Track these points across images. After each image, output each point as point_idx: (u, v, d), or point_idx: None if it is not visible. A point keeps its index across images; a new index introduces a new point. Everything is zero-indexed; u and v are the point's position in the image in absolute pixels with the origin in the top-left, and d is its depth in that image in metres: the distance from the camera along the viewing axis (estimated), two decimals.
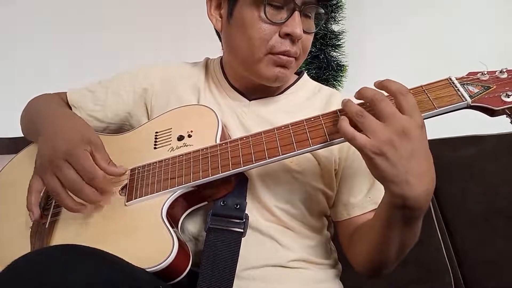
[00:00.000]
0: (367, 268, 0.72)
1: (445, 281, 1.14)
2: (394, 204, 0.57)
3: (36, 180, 0.67)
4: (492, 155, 1.26)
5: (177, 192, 0.66)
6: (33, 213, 0.67)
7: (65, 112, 0.80)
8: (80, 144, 0.66)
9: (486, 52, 1.77)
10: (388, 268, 0.70)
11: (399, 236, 0.62)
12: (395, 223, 0.60)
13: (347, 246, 0.77)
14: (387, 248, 0.65)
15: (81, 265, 0.48)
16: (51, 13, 1.97)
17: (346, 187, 0.77)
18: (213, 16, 0.80)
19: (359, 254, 0.73)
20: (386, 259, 0.67)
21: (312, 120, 0.65)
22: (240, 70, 0.79)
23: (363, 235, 0.72)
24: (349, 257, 0.77)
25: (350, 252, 0.76)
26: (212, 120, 0.73)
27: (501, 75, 0.60)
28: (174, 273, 0.60)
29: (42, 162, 0.67)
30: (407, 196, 0.54)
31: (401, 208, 0.57)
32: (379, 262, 0.69)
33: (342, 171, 0.78)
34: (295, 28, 0.71)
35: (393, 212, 0.59)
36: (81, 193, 0.64)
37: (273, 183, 0.73)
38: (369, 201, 0.75)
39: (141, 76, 0.87)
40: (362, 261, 0.72)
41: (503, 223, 1.17)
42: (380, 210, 0.64)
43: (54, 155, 0.65)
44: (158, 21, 2.01)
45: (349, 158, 0.77)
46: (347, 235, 0.77)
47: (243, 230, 0.67)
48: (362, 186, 0.76)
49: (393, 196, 0.56)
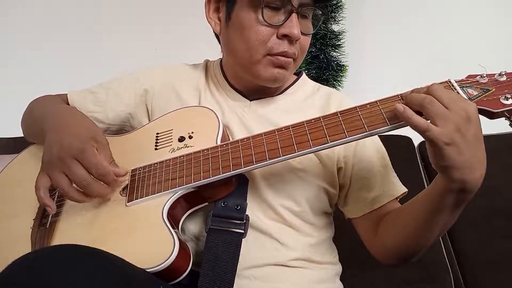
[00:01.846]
0: (399, 256, 0.73)
1: (445, 281, 1.14)
2: (451, 188, 0.58)
3: (42, 177, 0.67)
4: (492, 155, 1.25)
5: (178, 192, 0.66)
6: (50, 207, 0.67)
7: (70, 111, 0.80)
8: (87, 141, 0.67)
9: (486, 52, 1.77)
10: (421, 253, 0.71)
11: (444, 220, 0.64)
12: (446, 208, 0.61)
13: (371, 240, 0.78)
14: (431, 232, 0.66)
15: (81, 265, 0.48)
16: (51, 13, 1.97)
17: (360, 183, 0.78)
18: (212, 19, 0.80)
19: (391, 243, 0.73)
20: (425, 243, 0.69)
21: (313, 121, 0.65)
22: (239, 71, 0.80)
23: (397, 225, 0.72)
24: (375, 250, 0.78)
25: (377, 244, 0.77)
26: (213, 121, 0.74)
27: (500, 78, 0.60)
28: (174, 273, 0.60)
29: (50, 159, 0.67)
30: (467, 180, 0.56)
31: (458, 192, 0.58)
32: (417, 247, 0.70)
33: (352, 169, 0.78)
34: (293, 29, 0.71)
35: (448, 197, 0.60)
36: (90, 188, 0.65)
37: (277, 181, 0.74)
38: (384, 194, 0.77)
39: (142, 78, 0.87)
40: (394, 249, 0.73)
41: (503, 223, 1.17)
42: (430, 196, 0.64)
43: (62, 152, 0.65)
44: (158, 21, 2.01)
45: (357, 154, 0.78)
46: (369, 229, 0.78)
47: (244, 231, 0.68)
48: (375, 180, 0.78)
49: (452, 181, 0.57)
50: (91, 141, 0.67)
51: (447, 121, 0.54)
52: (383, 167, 0.79)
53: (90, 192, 0.66)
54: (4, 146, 1.30)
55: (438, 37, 1.93)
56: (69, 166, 0.64)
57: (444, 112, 0.54)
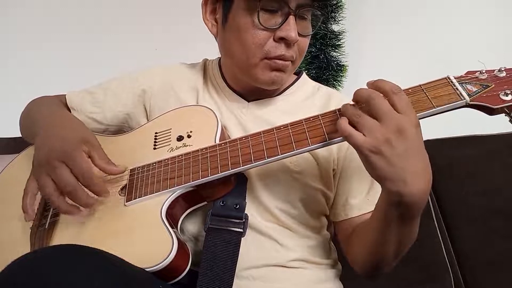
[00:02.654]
0: (366, 269, 0.72)
1: (445, 281, 1.14)
2: (391, 202, 0.57)
3: (31, 181, 0.67)
4: (492, 155, 1.26)
5: (176, 192, 0.66)
6: (28, 215, 0.67)
7: (62, 113, 0.80)
8: (77, 145, 0.66)
9: (486, 52, 1.76)
10: (386, 268, 0.70)
11: (397, 235, 0.62)
12: (392, 222, 0.60)
13: (346, 247, 0.77)
14: (385, 247, 0.65)
15: (81, 265, 0.48)
16: (51, 13, 1.97)
17: (345, 188, 0.77)
18: (209, 20, 0.80)
19: (358, 255, 0.72)
20: (384, 259, 0.67)
21: (311, 119, 0.65)
22: (237, 73, 0.79)
23: (361, 236, 0.72)
24: (348, 258, 0.77)
25: (349, 253, 0.76)
26: (211, 121, 0.73)
27: (499, 74, 0.60)
28: (173, 272, 0.60)
29: (38, 163, 0.66)
30: (403, 193, 0.54)
31: (398, 206, 0.57)
32: (377, 261, 0.68)
33: (341, 172, 0.78)
34: (290, 32, 0.70)
35: (390, 210, 0.59)
36: (75, 195, 0.64)
37: (273, 183, 0.73)
38: (367, 202, 0.75)
39: (140, 78, 0.87)
40: (361, 261, 0.72)
41: (503, 223, 1.17)
42: (378, 209, 0.64)
43: (50, 156, 0.64)
44: (158, 21, 2.01)
45: (347, 158, 0.77)
46: (346, 236, 0.77)
47: (243, 230, 0.67)
48: (361, 187, 0.76)
49: (390, 194, 0.56)
50: (81, 143, 0.67)
51: (374, 131, 0.53)
52: None
53: (77, 200, 0.64)
54: (4, 146, 1.30)
55: (438, 37, 1.93)
56: (55, 170, 0.63)
57: (371, 125, 0.54)
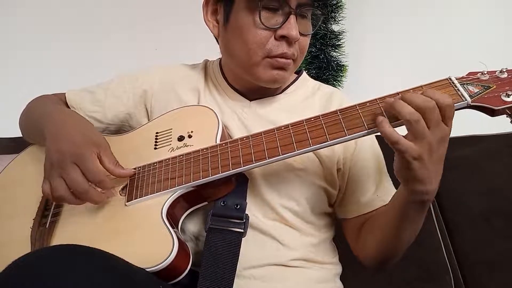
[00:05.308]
0: (378, 260, 0.76)
1: (445, 281, 1.14)
2: (414, 200, 0.63)
3: (45, 184, 0.67)
4: (492, 155, 1.26)
5: (177, 192, 0.66)
6: None
7: (68, 112, 0.80)
8: (87, 146, 0.67)
9: (486, 52, 1.77)
10: (395, 259, 0.76)
11: (410, 229, 0.69)
12: (409, 218, 0.67)
13: (355, 241, 0.80)
14: (400, 240, 0.71)
15: (81, 265, 0.48)
16: (51, 13, 1.97)
17: (354, 186, 0.79)
18: (210, 21, 0.80)
19: (370, 247, 0.76)
20: (397, 250, 0.73)
21: (312, 120, 0.65)
22: (238, 72, 0.80)
23: (375, 228, 0.75)
24: (358, 251, 0.80)
25: (359, 248, 0.79)
26: (212, 121, 0.73)
27: (501, 75, 0.60)
28: (174, 273, 0.60)
29: (51, 165, 0.67)
30: (427, 192, 0.60)
31: (419, 203, 0.63)
32: (391, 253, 0.74)
33: (349, 171, 0.79)
34: (291, 30, 0.71)
35: (410, 207, 0.65)
36: (86, 195, 0.65)
37: (277, 181, 0.74)
38: (377, 199, 0.78)
39: (141, 78, 0.87)
40: (372, 252, 0.76)
41: (503, 223, 1.17)
42: (395, 207, 0.68)
43: (61, 158, 0.66)
44: (158, 21, 2.00)
45: (354, 157, 0.79)
46: (355, 230, 0.80)
47: (243, 230, 0.67)
48: (370, 184, 0.79)
49: (415, 193, 0.61)
50: (92, 146, 0.67)
51: (424, 140, 0.56)
52: (378, 172, 0.80)
53: (86, 199, 0.66)
54: (4, 146, 1.30)
55: (438, 37, 1.93)
56: (66, 171, 0.65)
57: (425, 134, 0.56)
